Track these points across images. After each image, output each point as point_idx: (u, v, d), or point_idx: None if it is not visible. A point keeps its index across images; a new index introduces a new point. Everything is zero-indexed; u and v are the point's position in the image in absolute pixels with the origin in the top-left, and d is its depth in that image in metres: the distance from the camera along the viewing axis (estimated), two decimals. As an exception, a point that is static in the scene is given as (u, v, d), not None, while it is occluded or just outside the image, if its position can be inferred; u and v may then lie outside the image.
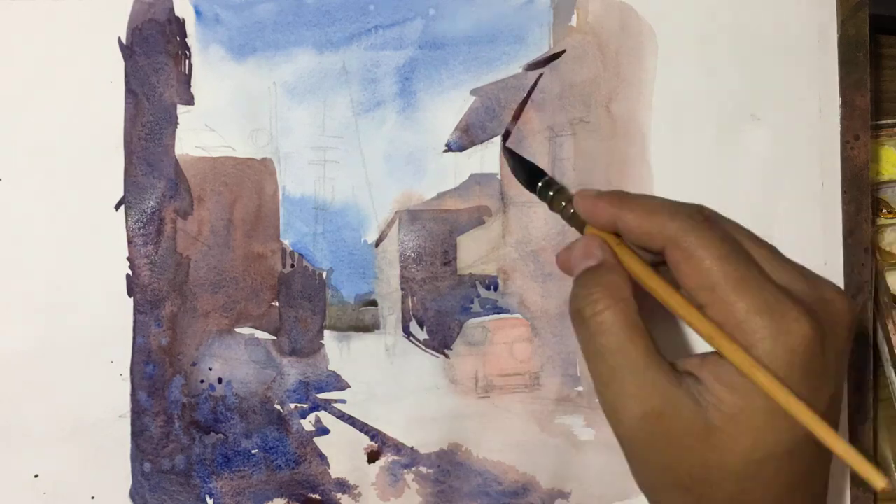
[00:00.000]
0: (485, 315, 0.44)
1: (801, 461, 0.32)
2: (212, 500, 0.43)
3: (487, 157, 0.44)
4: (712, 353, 0.33)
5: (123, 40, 0.42)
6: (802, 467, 0.32)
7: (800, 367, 0.31)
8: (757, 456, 0.31)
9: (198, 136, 0.43)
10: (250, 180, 0.43)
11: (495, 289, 0.44)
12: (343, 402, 0.43)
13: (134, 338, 0.42)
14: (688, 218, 0.33)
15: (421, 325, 0.44)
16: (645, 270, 0.35)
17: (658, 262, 0.35)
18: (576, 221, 0.39)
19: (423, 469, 0.44)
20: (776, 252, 0.35)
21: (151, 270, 0.42)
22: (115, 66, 0.42)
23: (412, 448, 0.44)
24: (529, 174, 0.41)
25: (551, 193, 0.39)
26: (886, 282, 0.47)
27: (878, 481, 0.29)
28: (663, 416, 0.32)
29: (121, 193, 0.42)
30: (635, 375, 0.32)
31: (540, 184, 0.40)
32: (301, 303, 0.43)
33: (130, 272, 0.42)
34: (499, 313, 0.44)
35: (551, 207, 0.40)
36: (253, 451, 0.43)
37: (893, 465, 0.46)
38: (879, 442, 0.46)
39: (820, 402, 0.31)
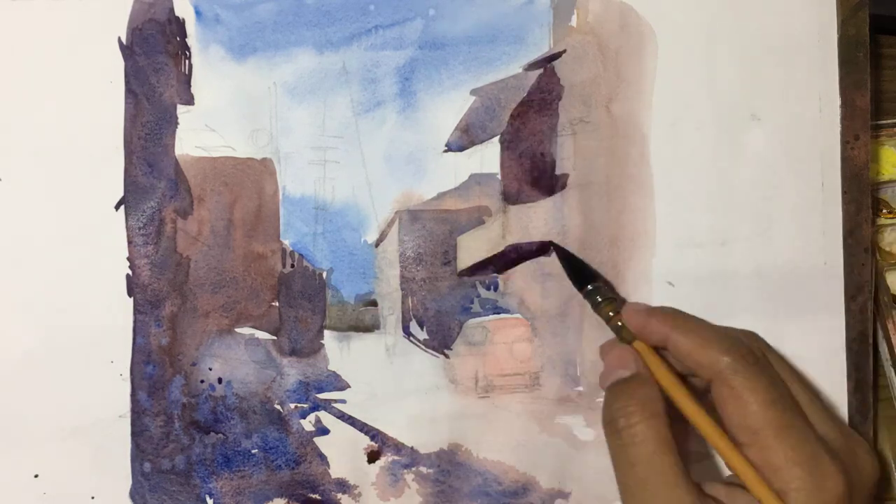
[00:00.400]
0: (485, 315, 0.44)
1: None
2: (212, 500, 0.43)
3: (487, 157, 0.44)
4: (738, 484, 0.34)
5: (123, 40, 0.42)
6: None
7: None
8: None
9: (198, 136, 0.43)
10: (250, 180, 0.43)
11: (495, 289, 0.44)
12: (343, 402, 0.43)
13: (134, 338, 0.42)
14: (740, 358, 0.35)
15: (421, 325, 0.44)
16: (681, 393, 0.36)
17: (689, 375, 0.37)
18: (622, 333, 0.39)
19: (423, 469, 0.44)
20: (816, 397, 0.36)
21: (151, 270, 0.42)
22: (115, 66, 0.42)
23: (412, 448, 0.44)
24: (579, 274, 0.41)
25: (599, 299, 0.40)
26: (886, 282, 0.47)
27: None
28: None
29: (121, 193, 0.42)
30: (665, 490, 0.33)
31: (590, 287, 0.40)
32: (301, 303, 0.43)
33: (130, 272, 0.42)
34: (499, 313, 0.44)
35: (596, 311, 0.40)
36: (253, 451, 0.43)
37: (893, 465, 0.46)
38: (879, 442, 0.46)
39: None
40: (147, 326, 0.42)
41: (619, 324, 0.39)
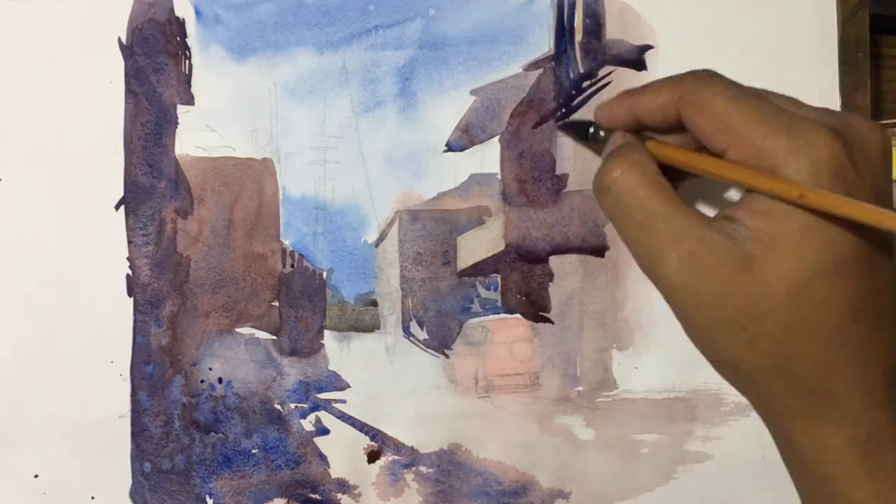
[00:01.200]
0: (485, 315, 0.44)
1: (852, 279, 0.31)
2: (212, 500, 0.43)
3: (487, 157, 0.44)
4: (742, 197, 0.33)
5: (123, 40, 0.42)
6: (855, 286, 0.31)
7: (827, 177, 0.30)
8: (802, 277, 0.31)
9: (198, 136, 0.43)
10: (250, 180, 0.43)
11: (495, 289, 0.44)
12: (343, 402, 0.43)
13: (134, 338, 0.42)
14: (693, 77, 0.34)
15: (421, 325, 0.44)
16: (668, 148, 0.35)
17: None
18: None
19: (423, 469, 0.44)
20: (797, 100, 0.34)
21: (152, 270, 0.42)
22: (115, 66, 0.42)
23: (412, 448, 0.44)
24: (584, 128, 0.41)
25: (599, 133, 0.39)
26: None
27: None
28: (697, 255, 0.32)
29: (121, 193, 0.42)
30: (663, 223, 0.33)
31: (591, 131, 0.40)
32: (301, 303, 0.43)
33: (130, 272, 0.42)
34: (499, 313, 0.44)
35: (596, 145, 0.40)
36: (253, 451, 0.43)
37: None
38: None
39: None
40: (147, 326, 0.42)
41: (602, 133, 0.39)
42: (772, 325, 0.31)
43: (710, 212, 0.35)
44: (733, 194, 0.41)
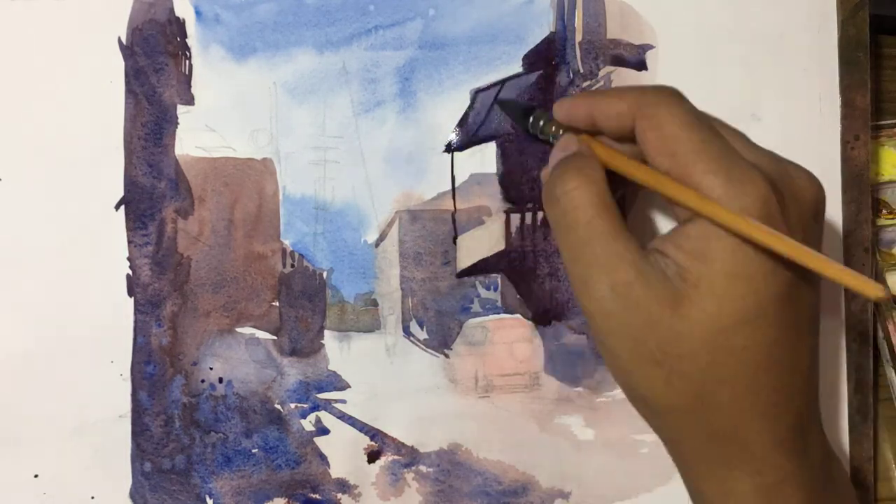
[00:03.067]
0: (485, 315, 0.44)
1: (773, 328, 0.31)
2: (212, 500, 0.43)
3: (487, 157, 0.44)
4: (674, 229, 0.33)
5: (123, 40, 0.42)
6: (774, 336, 0.31)
7: None
8: (724, 323, 0.31)
9: (198, 136, 0.43)
10: (251, 180, 0.43)
11: (495, 289, 0.44)
12: (343, 402, 0.43)
13: (134, 337, 0.43)
14: (656, 92, 0.34)
15: (421, 325, 0.44)
16: (614, 155, 0.35)
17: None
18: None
19: (424, 468, 0.44)
20: (747, 138, 0.35)
21: (152, 270, 0.42)
22: (115, 66, 0.42)
23: (412, 448, 0.44)
24: (524, 112, 0.41)
25: (542, 123, 0.39)
26: (887, 282, 0.47)
27: (872, 291, 0.29)
28: (632, 286, 0.32)
29: (121, 193, 0.42)
30: (605, 247, 0.32)
31: (531, 119, 0.40)
32: (301, 303, 0.43)
33: (131, 272, 0.42)
34: (499, 313, 0.44)
35: (544, 135, 0.40)
36: (253, 451, 0.43)
37: (894, 465, 0.46)
38: (879, 442, 0.46)
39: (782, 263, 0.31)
40: (148, 326, 0.42)
41: (560, 132, 0.39)
42: (689, 366, 0.32)
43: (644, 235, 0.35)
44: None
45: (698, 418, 0.32)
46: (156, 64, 0.42)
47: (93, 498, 0.42)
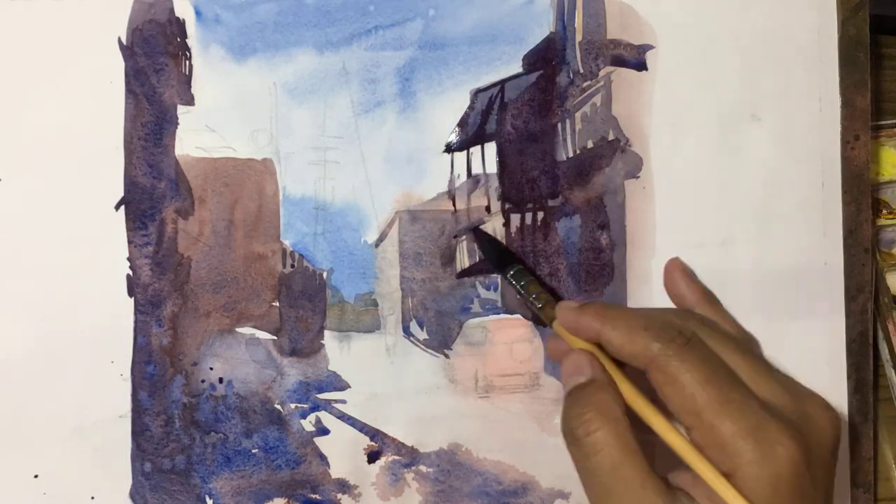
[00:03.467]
0: (485, 315, 0.44)
1: None
2: (212, 500, 0.43)
3: (487, 157, 0.44)
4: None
5: (123, 40, 0.42)
6: None
7: (786, 491, 0.31)
8: None
9: (198, 136, 0.43)
10: (251, 181, 0.43)
11: (495, 289, 0.44)
12: (343, 402, 0.43)
13: (135, 338, 0.43)
14: (669, 342, 0.34)
15: (421, 326, 0.44)
16: (630, 392, 0.35)
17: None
18: (545, 312, 0.39)
19: (424, 468, 0.44)
20: (760, 363, 0.35)
21: (152, 270, 0.42)
22: (116, 66, 0.42)
23: (412, 448, 0.44)
24: (499, 257, 0.41)
25: (523, 283, 0.40)
26: (887, 282, 0.47)
27: None
28: None
29: (121, 193, 0.42)
30: (631, 494, 0.32)
31: (511, 271, 0.40)
32: (301, 303, 0.43)
33: (131, 272, 0.42)
34: (499, 313, 0.44)
35: (521, 295, 0.40)
36: (253, 451, 0.43)
37: (894, 465, 0.46)
38: (879, 442, 0.46)
39: None
40: (148, 326, 0.42)
41: (539, 305, 0.39)
42: None
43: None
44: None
45: None
46: (156, 64, 0.42)
47: (93, 498, 0.42)
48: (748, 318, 0.43)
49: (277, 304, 0.43)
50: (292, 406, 0.43)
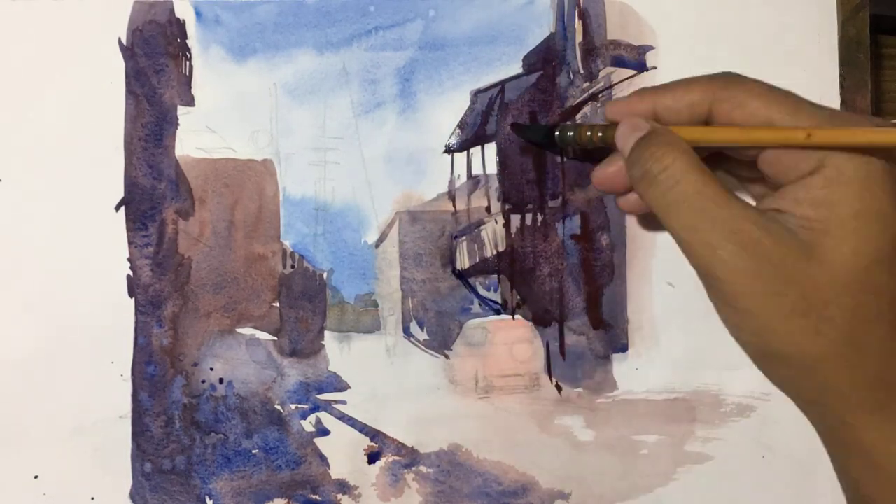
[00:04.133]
0: (485, 316, 0.44)
1: None
2: (212, 501, 0.43)
3: (487, 158, 0.44)
4: (781, 189, 0.33)
5: (124, 41, 0.42)
6: None
7: (880, 188, 0.31)
8: (863, 263, 0.31)
9: (198, 137, 0.43)
10: (251, 181, 0.43)
11: (495, 289, 0.44)
12: (343, 402, 0.43)
13: (135, 338, 0.43)
14: (726, 77, 0.35)
15: (421, 326, 0.44)
16: (696, 128, 0.35)
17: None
18: (610, 140, 0.38)
19: (424, 469, 0.44)
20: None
21: (153, 271, 0.42)
22: (116, 66, 0.42)
23: (412, 448, 0.44)
24: (547, 130, 0.41)
25: (571, 134, 0.39)
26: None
27: None
28: (761, 242, 0.32)
29: (121, 194, 0.42)
30: (723, 210, 0.32)
31: (559, 132, 0.40)
32: (302, 303, 0.43)
33: (131, 273, 0.42)
34: (499, 314, 0.44)
35: (581, 142, 0.39)
36: (253, 452, 0.43)
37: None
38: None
39: None
40: (149, 327, 0.43)
41: (599, 134, 0.38)
42: (836, 311, 0.32)
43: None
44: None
45: (850, 364, 0.32)
46: (156, 65, 0.42)
47: (93, 498, 0.42)
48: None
49: (278, 304, 0.43)
50: (292, 407, 0.43)
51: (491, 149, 0.44)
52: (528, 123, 0.43)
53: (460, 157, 0.44)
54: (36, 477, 0.42)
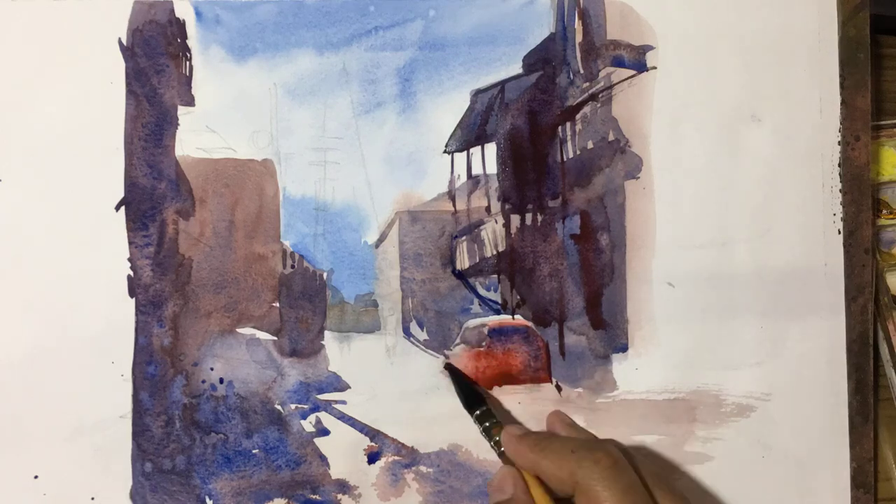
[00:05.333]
0: (484, 315, 0.44)
1: None
2: (212, 501, 0.43)
3: (487, 158, 0.44)
4: None
5: (124, 41, 0.42)
6: None
7: None
8: None
9: (199, 137, 0.43)
10: (251, 181, 0.43)
11: (495, 289, 0.44)
12: (343, 402, 0.43)
13: (136, 338, 0.43)
14: (594, 465, 0.36)
15: (421, 326, 0.44)
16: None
17: None
18: (503, 456, 0.40)
19: (424, 469, 0.44)
20: (681, 497, 0.37)
21: (153, 271, 0.42)
22: (116, 67, 0.42)
23: (412, 448, 0.44)
24: (468, 398, 0.42)
25: (486, 425, 0.41)
26: (887, 283, 0.47)
27: None
28: None
29: (121, 194, 0.42)
30: None
31: (478, 412, 0.41)
32: (302, 303, 0.43)
33: (132, 273, 0.42)
34: (499, 314, 0.44)
35: (484, 435, 0.41)
36: (253, 452, 0.43)
37: (894, 465, 0.46)
38: (879, 442, 0.46)
39: None
40: (149, 327, 0.43)
41: (501, 449, 0.40)
42: None
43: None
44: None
45: None
46: (156, 65, 0.42)
47: (93, 499, 0.42)
48: (748, 319, 0.43)
49: (278, 304, 0.43)
50: (292, 407, 0.43)
51: (491, 149, 0.44)
52: (462, 375, 0.43)
53: (460, 158, 0.44)
54: (36, 477, 0.42)
